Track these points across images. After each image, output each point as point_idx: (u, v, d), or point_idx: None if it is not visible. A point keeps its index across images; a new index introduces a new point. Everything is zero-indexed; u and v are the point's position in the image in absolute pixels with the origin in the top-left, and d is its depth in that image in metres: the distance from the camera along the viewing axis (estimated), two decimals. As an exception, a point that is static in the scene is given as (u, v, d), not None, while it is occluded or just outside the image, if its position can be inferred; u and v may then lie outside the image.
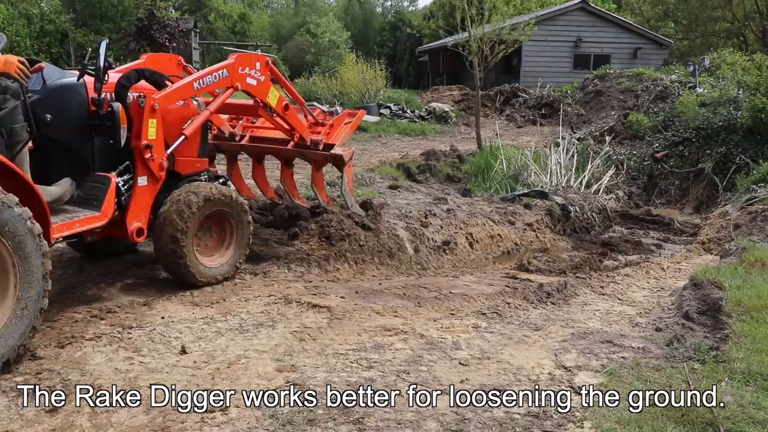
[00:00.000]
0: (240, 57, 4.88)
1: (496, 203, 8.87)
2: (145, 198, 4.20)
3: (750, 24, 30.17)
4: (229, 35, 43.78)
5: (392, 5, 58.69)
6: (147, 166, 4.14)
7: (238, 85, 4.76)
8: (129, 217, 4.09)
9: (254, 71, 4.86)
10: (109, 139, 4.02)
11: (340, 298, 4.33)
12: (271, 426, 2.53)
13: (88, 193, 3.95)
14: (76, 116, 3.97)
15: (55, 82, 3.90)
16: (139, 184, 4.14)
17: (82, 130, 4.00)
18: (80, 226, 3.72)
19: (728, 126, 11.45)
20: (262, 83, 4.95)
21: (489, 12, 12.69)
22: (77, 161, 4.04)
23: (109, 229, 4.09)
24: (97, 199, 3.89)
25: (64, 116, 3.88)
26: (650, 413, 2.64)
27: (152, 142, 4.14)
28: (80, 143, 4.03)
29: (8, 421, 2.59)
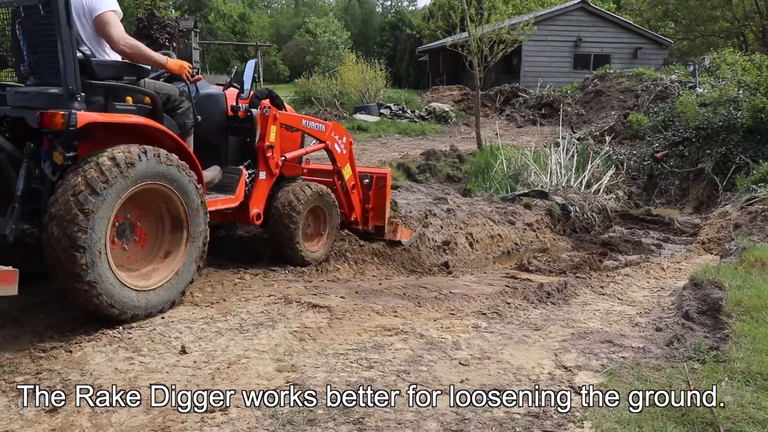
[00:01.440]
0: (336, 125, 5.85)
1: (496, 203, 8.88)
2: (264, 189, 5.08)
3: (750, 24, 30.19)
4: (229, 35, 43.79)
5: (392, 5, 58.70)
6: (267, 163, 5.02)
7: (327, 144, 5.64)
8: (251, 203, 4.96)
9: (342, 141, 5.79)
10: (245, 138, 5.01)
11: (340, 298, 4.33)
12: (271, 426, 2.53)
13: (224, 181, 4.82)
14: (217, 119, 4.92)
15: (204, 92, 4.89)
16: (260, 178, 5.01)
17: (221, 131, 4.97)
18: (222, 205, 4.63)
19: (728, 126, 11.45)
20: (344, 155, 5.83)
21: (488, 12, 12.69)
22: (215, 155, 4.90)
23: (234, 214, 4.99)
24: (231, 185, 4.78)
25: (210, 119, 4.77)
26: (650, 413, 2.64)
27: (273, 144, 5.01)
28: (219, 141, 4.96)
29: (8, 421, 2.59)
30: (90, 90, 3.66)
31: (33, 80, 3.92)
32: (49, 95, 3.63)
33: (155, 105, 4.03)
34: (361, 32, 48.74)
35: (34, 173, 3.66)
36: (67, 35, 3.45)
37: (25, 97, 3.77)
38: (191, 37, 29.92)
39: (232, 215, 5.02)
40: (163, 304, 3.83)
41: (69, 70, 3.47)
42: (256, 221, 5.02)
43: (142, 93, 4.01)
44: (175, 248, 3.98)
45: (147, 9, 24.03)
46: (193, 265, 4.04)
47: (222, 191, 4.73)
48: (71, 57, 3.48)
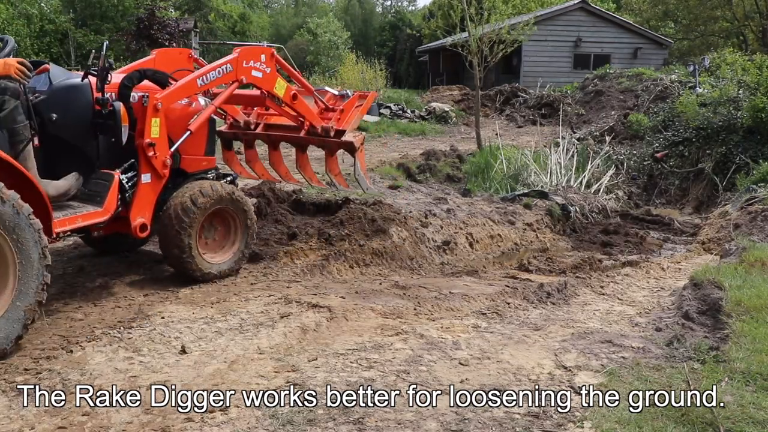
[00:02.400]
0: (244, 50, 4.92)
1: (496, 203, 8.87)
2: (149, 195, 4.31)
3: (750, 24, 30.17)
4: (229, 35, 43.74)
5: (392, 5, 58.70)
6: (150, 163, 4.24)
7: (243, 79, 4.82)
8: (133, 213, 4.21)
9: (259, 63, 4.91)
10: (111, 138, 4.12)
11: (340, 298, 4.33)
12: (271, 426, 2.53)
13: (92, 189, 4.08)
14: (80, 115, 4.07)
15: (60, 83, 4.02)
16: (143, 181, 4.26)
17: (87, 128, 4.11)
18: (82, 221, 3.84)
19: (728, 126, 11.45)
20: (268, 75, 5.00)
21: (488, 12, 12.69)
22: (82, 159, 4.15)
23: (114, 225, 4.24)
24: (100, 195, 4.01)
25: (69, 115, 3.99)
26: (650, 413, 2.64)
27: (155, 140, 4.24)
28: (85, 141, 4.14)
29: (8, 421, 2.59)
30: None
31: None
32: None
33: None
34: (361, 32, 48.69)
35: None
36: None
37: None
38: (191, 37, 29.93)
39: (108, 228, 4.27)
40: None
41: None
42: (139, 233, 4.26)
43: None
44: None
45: (147, 9, 24.03)
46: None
47: (89, 202, 4.00)
48: None
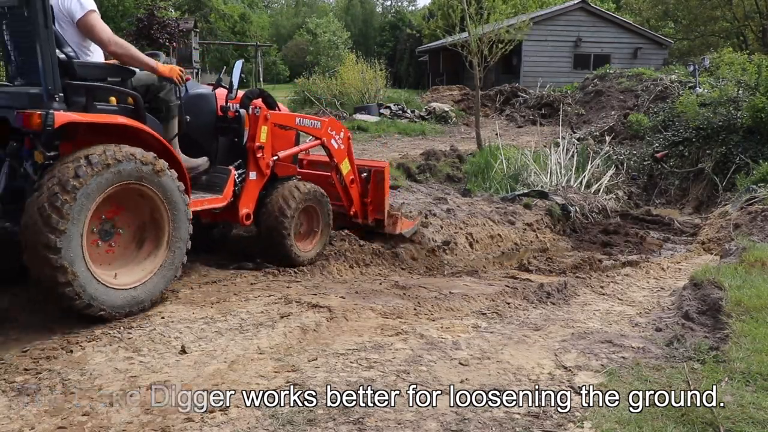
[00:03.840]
0: (332, 120, 5.87)
1: (496, 203, 8.88)
2: (254, 190, 5.03)
3: (750, 24, 30.18)
4: (229, 35, 43.77)
5: (392, 5, 58.67)
6: (257, 163, 4.97)
7: (324, 140, 5.61)
8: (241, 204, 4.92)
9: (338, 137, 5.74)
10: (234, 138, 4.97)
11: (340, 298, 4.33)
12: (271, 426, 2.53)
13: (212, 180, 4.80)
14: (207, 119, 4.87)
15: (193, 92, 4.82)
16: (250, 178, 4.97)
17: (211, 130, 4.91)
18: (208, 204, 4.61)
19: (728, 126, 11.45)
20: (341, 150, 5.79)
21: (488, 11, 12.69)
22: (205, 155, 4.84)
23: (224, 214, 4.95)
24: (219, 185, 4.75)
25: (199, 118, 4.75)
26: (650, 413, 2.64)
27: (263, 144, 4.97)
28: (208, 141, 4.91)
29: (8, 420, 2.59)
30: (72, 90, 3.69)
31: (20, 80, 3.97)
32: (29, 95, 3.65)
33: (137, 105, 4.03)
34: (361, 32, 48.71)
35: (19, 172, 3.69)
36: (45, 36, 3.48)
37: (8, 96, 3.79)
38: (191, 37, 29.93)
39: (221, 215, 4.98)
40: (142, 302, 3.82)
41: (48, 71, 3.51)
42: (245, 221, 4.98)
43: (123, 93, 4.01)
44: (156, 248, 3.96)
45: (147, 9, 24.03)
46: (173, 266, 4.02)
47: (210, 190, 4.71)
48: (50, 57, 3.51)
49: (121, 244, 3.88)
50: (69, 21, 3.91)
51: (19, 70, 3.97)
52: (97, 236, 3.73)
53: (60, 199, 3.37)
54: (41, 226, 3.35)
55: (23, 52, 3.87)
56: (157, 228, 3.97)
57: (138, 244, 3.97)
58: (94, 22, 3.91)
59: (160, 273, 3.94)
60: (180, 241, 4.03)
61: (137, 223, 3.95)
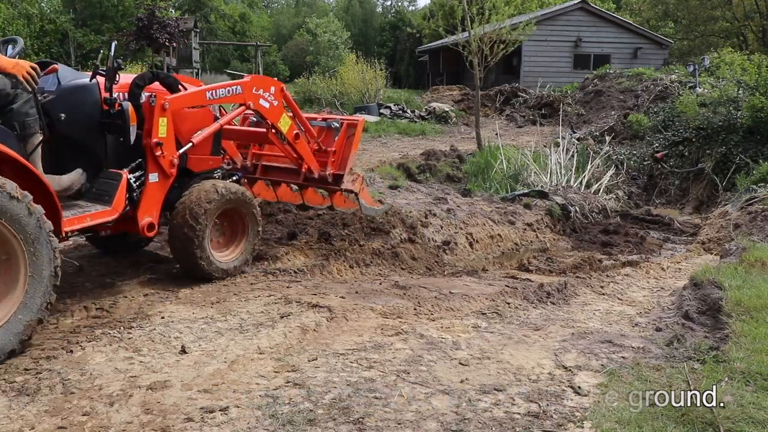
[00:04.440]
0: (255, 77, 5.04)
1: (496, 203, 8.88)
2: (156, 194, 4.32)
3: (750, 24, 30.18)
4: (229, 35, 43.77)
5: (392, 5, 58.67)
6: (158, 163, 4.26)
7: (250, 104, 4.85)
8: (140, 212, 4.22)
9: (268, 94, 4.96)
10: (119, 137, 4.18)
11: (340, 298, 4.33)
12: (271, 426, 2.53)
13: (100, 188, 4.09)
14: (89, 115, 4.11)
15: (69, 83, 4.07)
16: (150, 181, 4.27)
17: (95, 128, 4.15)
18: (91, 220, 3.86)
19: (728, 126, 11.45)
20: (275, 107, 5.02)
21: (489, 12, 12.69)
22: (90, 158, 4.18)
23: (122, 224, 4.25)
24: (108, 194, 4.03)
25: (78, 115, 4.03)
26: (650, 413, 2.64)
27: (162, 140, 4.26)
28: (93, 141, 4.17)
29: (8, 420, 2.59)
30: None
31: None
32: None
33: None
34: (361, 32, 48.69)
35: None
36: None
37: None
38: (191, 37, 29.93)
39: (116, 227, 4.31)
40: None
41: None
42: (147, 233, 4.27)
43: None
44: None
45: (147, 9, 24.03)
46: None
47: (97, 201, 4.02)
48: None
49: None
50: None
51: None
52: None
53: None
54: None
55: None
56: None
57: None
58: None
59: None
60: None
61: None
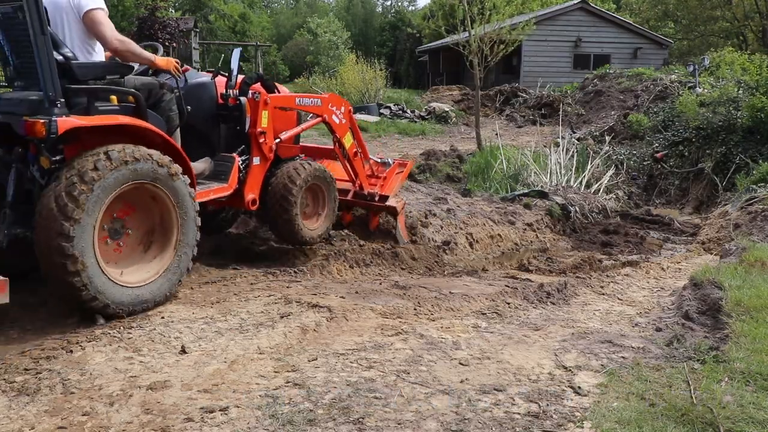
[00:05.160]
0: (333, 95, 5.94)
1: (496, 203, 8.88)
2: (258, 175, 5.10)
3: (750, 24, 30.17)
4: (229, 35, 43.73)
5: (392, 5, 58.64)
6: (260, 148, 5.03)
7: (325, 117, 5.67)
8: (246, 189, 4.98)
9: (340, 111, 5.81)
10: (235, 126, 5.04)
11: (340, 298, 4.33)
12: (271, 426, 2.53)
13: (216, 169, 4.85)
14: (208, 108, 4.95)
15: (193, 81, 4.86)
16: (254, 163, 5.04)
17: (212, 119, 5.00)
18: (214, 194, 4.65)
19: (728, 126, 11.46)
20: (343, 124, 5.85)
21: (489, 11, 12.69)
22: (207, 144, 4.96)
23: (230, 200, 5.00)
24: (224, 173, 4.81)
25: (200, 107, 4.78)
26: (650, 413, 2.64)
27: (264, 129, 5.02)
28: (210, 129, 5.00)
29: (8, 420, 2.59)
30: (72, 93, 3.70)
31: (19, 83, 3.98)
32: (30, 102, 3.65)
33: (138, 103, 4.04)
34: (361, 32, 48.66)
35: (26, 175, 3.74)
36: (42, 42, 3.46)
37: (10, 103, 3.80)
38: (191, 37, 29.90)
39: (227, 202, 5.05)
40: (151, 300, 3.88)
41: (47, 78, 3.50)
42: (251, 206, 5.06)
43: (123, 93, 4.01)
44: (165, 246, 4.02)
45: (147, 9, 24.01)
46: (183, 261, 4.09)
47: (215, 179, 4.76)
48: (48, 64, 3.49)
49: (129, 245, 3.93)
50: (75, 16, 3.90)
51: (17, 73, 3.97)
52: (107, 234, 3.77)
53: (78, 189, 3.44)
54: (56, 214, 3.39)
55: (20, 55, 3.86)
56: (165, 231, 4.03)
57: (146, 246, 4.02)
58: (100, 18, 3.92)
59: (165, 276, 3.98)
60: (187, 246, 4.09)
61: (146, 225, 4.01)
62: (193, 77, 4.92)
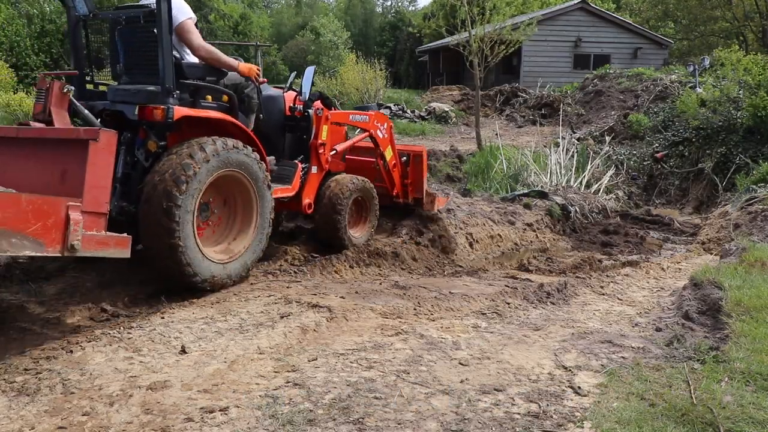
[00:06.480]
0: (378, 114, 6.45)
1: (496, 203, 8.88)
2: (315, 182, 5.63)
3: (750, 24, 30.16)
4: (229, 35, 43.71)
5: (392, 5, 58.63)
6: (319, 159, 5.58)
7: (371, 131, 6.22)
8: (304, 194, 5.49)
9: (383, 127, 6.37)
10: (302, 136, 5.55)
11: (340, 298, 4.33)
12: (271, 426, 2.53)
13: (281, 173, 5.32)
14: (276, 118, 5.46)
15: (265, 93, 5.38)
16: (312, 171, 5.57)
17: (280, 128, 5.51)
18: (281, 193, 5.13)
19: (728, 126, 11.46)
20: (385, 139, 6.42)
21: (490, 12, 12.70)
22: (274, 150, 5.38)
23: (289, 203, 5.47)
24: (288, 177, 5.31)
25: (270, 117, 5.33)
26: (650, 413, 2.64)
27: (324, 141, 5.56)
28: (277, 137, 5.49)
29: (8, 420, 2.59)
30: (180, 88, 4.27)
31: (125, 79, 4.60)
32: (147, 92, 4.22)
33: (232, 102, 4.69)
34: (361, 32, 48.62)
35: (127, 160, 4.22)
36: (167, 42, 4.07)
37: (125, 93, 4.39)
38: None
39: (287, 204, 5.52)
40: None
41: (167, 72, 4.10)
42: (307, 210, 5.58)
43: (221, 92, 4.64)
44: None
45: (147, 9, 23.94)
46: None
47: (281, 182, 5.22)
48: (170, 60, 4.11)
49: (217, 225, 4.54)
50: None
51: (127, 70, 4.58)
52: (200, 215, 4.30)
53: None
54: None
55: (133, 54, 4.51)
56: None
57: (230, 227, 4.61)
58: (190, 28, 4.46)
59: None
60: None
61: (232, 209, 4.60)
62: (266, 90, 5.42)
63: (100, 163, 3.37)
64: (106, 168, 3.43)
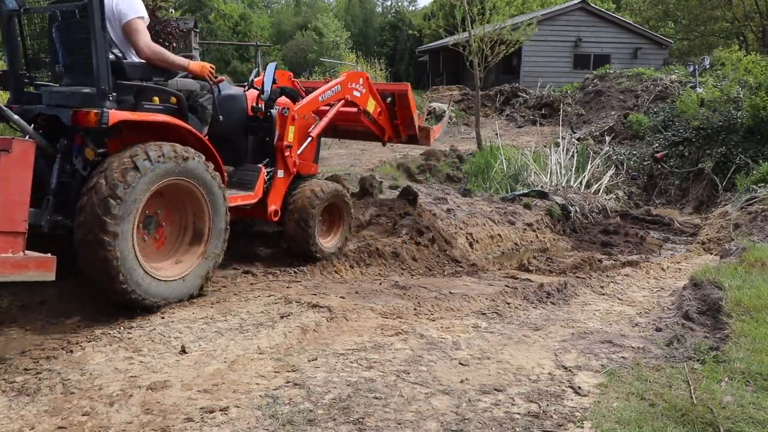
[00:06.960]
0: (349, 74, 6.01)
1: (496, 203, 8.88)
2: (281, 187, 5.23)
3: (750, 24, 30.16)
4: (229, 35, 43.72)
5: (392, 5, 58.65)
6: (285, 162, 5.19)
7: (347, 97, 5.80)
8: (269, 200, 5.11)
9: (358, 85, 5.92)
10: (264, 137, 5.18)
11: (340, 298, 4.33)
12: (271, 426, 2.53)
13: (243, 178, 4.96)
14: (237, 119, 5.06)
15: (225, 92, 5.05)
16: (278, 176, 5.18)
17: (241, 130, 5.12)
18: (241, 201, 4.77)
19: (728, 126, 11.46)
20: (364, 94, 6.02)
21: (490, 12, 12.70)
22: (235, 153, 5.07)
23: (253, 210, 5.08)
24: (251, 183, 4.93)
25: (230, 118, 4.91)
26: (650, 413, 2.64)
27: (291, 143, 5.19)
28: (239, 140, 5.12)
29: (8, 420, 2.59)
30: (121, 90, 3.88)
31: (66, 80, 4.19)
32: (83, 94, 3.85)
33: (180, 104, 4.27)
34: (361, 32, 48.67)
35: (65, 168, 3.86)
36: (101, 39, 3.67)
37: (60, 96, 3.98)
38: (191, 37, 29.88)
39: (250, 211, 5.14)
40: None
41: (102, 72, 3.70)
42: (273, 218, 5.17)
43: (168, 93, 4.23)
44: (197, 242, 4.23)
45: (148, 9, 23.97)
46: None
47: (242, 188, 4.89)
48: (104, 59, 3.71)
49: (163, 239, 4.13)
50: (117, 22, 4.09)
51: (66, 70, 4.19)
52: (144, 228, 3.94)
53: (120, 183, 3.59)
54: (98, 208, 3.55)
55: (72, 53, 4.08)
56: (197, 227, 4.23)
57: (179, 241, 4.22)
58: (139, 27, 4.12)
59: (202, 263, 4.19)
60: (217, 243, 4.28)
61: (180, 221, 4.21)
62: (226, 89, 5.08)
63: (14, 177, 3.10)
64: (22, 181, 3.15)
